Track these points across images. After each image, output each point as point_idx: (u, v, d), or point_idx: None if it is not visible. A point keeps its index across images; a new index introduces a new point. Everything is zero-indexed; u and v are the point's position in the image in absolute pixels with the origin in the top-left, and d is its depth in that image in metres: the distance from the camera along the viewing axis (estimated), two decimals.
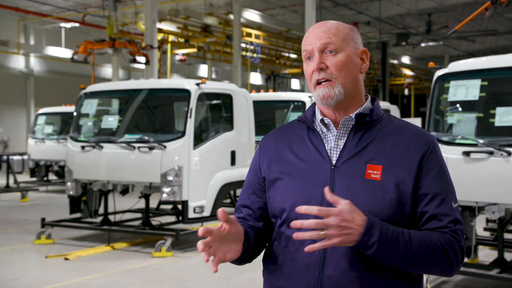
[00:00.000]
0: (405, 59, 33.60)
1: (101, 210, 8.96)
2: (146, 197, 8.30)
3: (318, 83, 1.82)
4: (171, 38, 21.74)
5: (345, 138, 1.85)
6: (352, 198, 1.74)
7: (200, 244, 1.65)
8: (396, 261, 1.68)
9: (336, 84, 1.81)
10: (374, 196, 1.75)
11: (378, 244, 1.64)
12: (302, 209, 1.63)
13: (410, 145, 1.82)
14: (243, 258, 1.85)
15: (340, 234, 1.61)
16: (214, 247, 1.69)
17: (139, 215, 9.90)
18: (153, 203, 10.63)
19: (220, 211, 1.68)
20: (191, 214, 7.77)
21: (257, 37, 22.56)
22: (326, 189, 1.64)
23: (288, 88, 29.98)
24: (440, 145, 5.55)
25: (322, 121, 1.88)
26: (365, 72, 1.92)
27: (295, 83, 31.61)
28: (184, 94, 8.02)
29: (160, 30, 20.26)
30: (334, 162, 1.82)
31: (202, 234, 1.66)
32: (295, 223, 1.62)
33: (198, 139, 7.95)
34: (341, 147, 1.84)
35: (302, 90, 29.24)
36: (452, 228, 1.77)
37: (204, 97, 8.20)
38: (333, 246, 1.63)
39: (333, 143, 1.85)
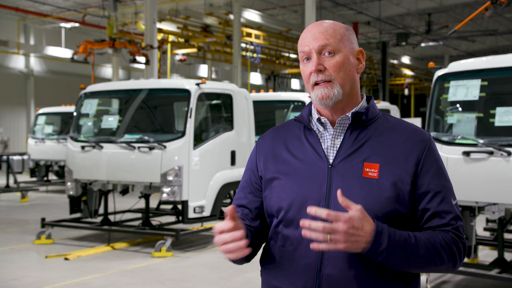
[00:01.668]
0: (405, 59, 33.60)
1: (101, 210, 8.96)
2: (146, 197, 8.30)
3: (316, 83, 1.83)
4: (171, 38, 21.74)
5: (342, 137, 1.85)
6: (350, 197, 1.75)
7: (232, 234, 1.69)
8: (404, 265, 1.70)
9: (335, 84, 1.81)
10: (371, 194, 1.76)
11: (387, 251, 1.65)
12: (312, 210, 1.62)
13: (406, 143, 1.82)
14: (244, 257, 1.83)
15: (346, 240, 1.60)
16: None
17: (139, 215, 9.90)
18: (153, 203, 10.63)
19: (230, 208, 1.70)
20: (191, 214, 7.77)
21: (257, 37, 22.55)
22: (339, 192, 1.62)
23: (288, 88, 29.98)
24: (440, 145, 5.55)
25: (319, 120, 1.88)
26: (365, 72, 1.93)
27: (295, 83, 31.61)
28: (184, 94, 8.02)
29: (160, 30, 20.26)
30: (331, 161, 1.83)
31: (218, 228, 1.69)
32: (304, 222, 1.61)
33: (198, 139, 7.95)
34: (338, 146, 1.84)
35: (302, 90, 29.25)
36: (454, 225, 1.79)
37: (204, 97, 8.20)
38: (337, 250, 1.62)
39: (330, 142, 1.86)
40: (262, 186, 1.93)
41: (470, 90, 5.55)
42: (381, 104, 13.44)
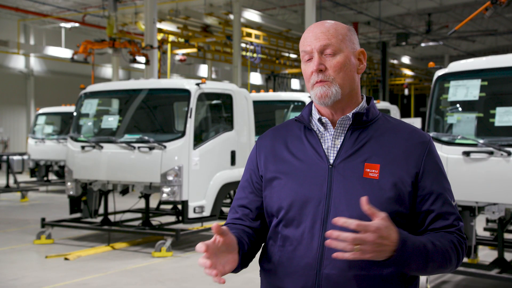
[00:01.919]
0: (405, 59, 33.59)
1: (101, 210, 8.96)
2: (146, 197, 8.30)
3: (316, 82, 1.84)
4: (171, 38, 21.74)
5: (342, 138, 1.86)
6: (350, 197, 1.76)
7: (204, 262, 1.65)
8: (421, 271, 1.71)
9: (334, 84, 1.82)
10: (372, 195, 1.76)
11: (410, 259, 1.65)
12: (340, 221, 1.58)
13: (407, 144, 1.84)
14: (239, 266, 1.82)
15: (374, 250, 1.59)
16: (213, 261, 1.66)
17: (139, 215, 9.90)
18: (153, 203, 10.63)
19: (214, 226, 1.66)
20: (191, 214, 7.77)
21: (257, 37, 22.55)
22: (363, 200, 1.60)
23: (288, 88, 29.98)
24: (440, 145, 5.55)
25: (319, 120, 1.88)
26: (365, 72, 1.94)
27: (295, 83, 31.61)
28: (184, 94, 8.02)
29: (160, 30, 20.26)
30: (331, 161, 1.83)
31: (198, 249, 1.64)
32: (332, 233, 1.58)
33: (198, 139, 7.95)
34: (338, 146, 1.85)
35: (302, 90, 29.25)
36: (457, 226, 1.82)
37: (204, 97, 8.20)
38: (363, 259, 1.61)
39: (330, 142, 1.86)
40: (262, 185, 1.93)
41: (470, 90, 5.55)
42: (381, 104, 13.43)
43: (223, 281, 1.65)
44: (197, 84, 8.03)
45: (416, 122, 20.92)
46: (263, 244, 1.97)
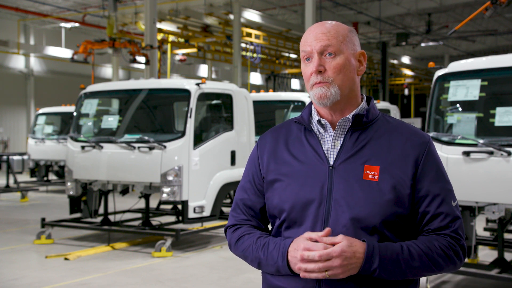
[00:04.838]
0: (405, 59, 33.58)
1: (101, 210, 8.96)
2: (146, 197, 8.30)
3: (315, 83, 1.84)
4: (171, 38, 21.73)
5: (342, 139, 1.86)
6: (350, 199, 1.76)
7: None
8: (399, 277, 1.74)
9: (333, 85, 1.82)
10: (371, 197, 1.77)
11: (380, 268, 1.70)
12: (304, 256, 1.69)
13: (406, 145, 1.83)
14: None
15: (343, 271, 1.67)
16: None
17: (139, 215, 9.89)
18: (153, 203, 10.63)
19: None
20: (191, 214, 7.77)
21: (257, 37, 22.55)
22: (326, 231, 1.70)
23: (288, 88, 29.96)
24: (440, 145, 5.55)
25: (319, 122, 1.89)
26: (365, 72, 1.94)
27: (295, 83, 31.60)
28: (184, 94, 8.02)
29: (160, 30, 20.25)
30: (331, 162, 1.83)
31: None
32: (300, 266, 1.70)
33: (198, 139, 7.94)
34: (338, 147, 1.85)
35: (302, 90, 29.25)
36: (453, 228, 1.81)
37: (204, 97, 8.20)
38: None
39: (330, 143, 1.86)
40: (264, 187, 1.93)
41: (470, 90, 5.55)
42: (381, 104, 13.43)
43: None
44: (197, 84, 8.03)
45: (416, 122, 20.95)
46: None
